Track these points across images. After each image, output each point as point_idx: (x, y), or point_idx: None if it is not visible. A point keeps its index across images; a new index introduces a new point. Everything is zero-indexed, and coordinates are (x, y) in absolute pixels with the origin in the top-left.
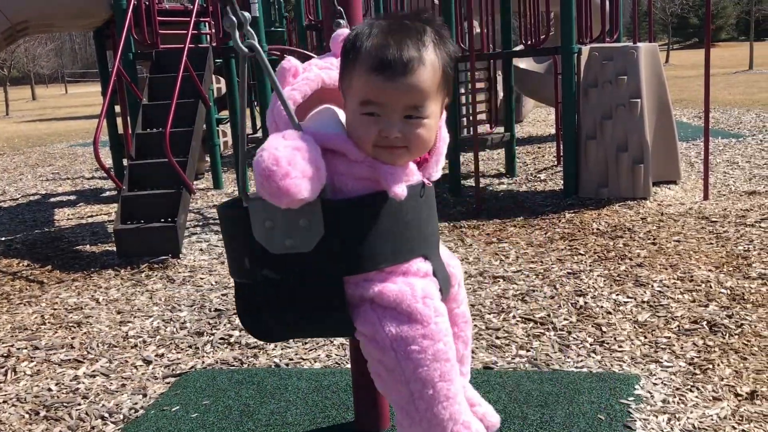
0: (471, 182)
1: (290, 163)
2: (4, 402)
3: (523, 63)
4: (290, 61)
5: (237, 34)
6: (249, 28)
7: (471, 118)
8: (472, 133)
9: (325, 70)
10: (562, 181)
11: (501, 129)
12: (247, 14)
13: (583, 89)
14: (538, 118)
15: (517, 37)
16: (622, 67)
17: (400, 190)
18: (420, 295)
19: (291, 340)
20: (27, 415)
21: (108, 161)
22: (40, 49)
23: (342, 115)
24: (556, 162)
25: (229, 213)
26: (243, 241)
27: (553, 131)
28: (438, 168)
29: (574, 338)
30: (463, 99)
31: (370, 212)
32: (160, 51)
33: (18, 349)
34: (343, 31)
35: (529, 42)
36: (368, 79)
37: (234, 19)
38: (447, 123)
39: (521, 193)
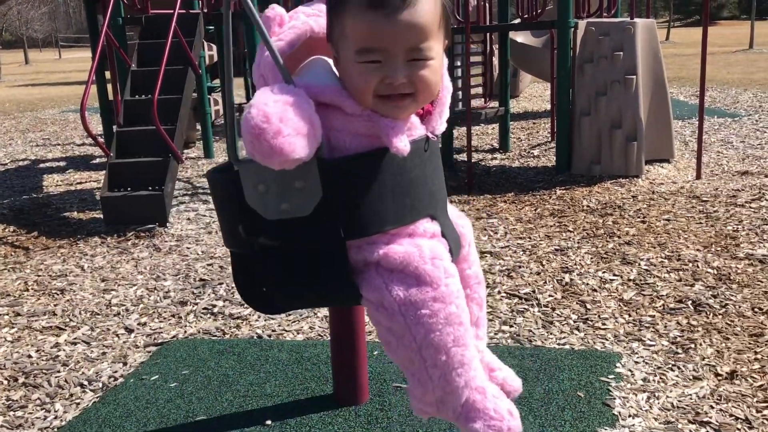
0: (464, 157)
1: (282, 119)
2: None
3: (520, 37)
4: (274, 9)
5: None
6: None
7: (465, 91)
8: (466, 106)
9: (313, 17)
10: (555, 158)
11: (496, 103)
12: None
13: (579, 64)
14: (534, 93)
15: (515, 10)
16: (618, 42)
17: (403, 145)
18: (428, 255)
19: None
20: (6, 381)
21: (99, 128)
22: (33, 12)
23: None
24: (550, 138)
25: (219, 178)
26: (235, 208)
27: (548, 107)
28: (442, 120)
29: (557, 315)
30: (458, 72)
31: (370, 170)
32: (149, 16)
33: None
34: None
35: (526, 15)
36: (364, 20)
37: None
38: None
39: (513, 168)
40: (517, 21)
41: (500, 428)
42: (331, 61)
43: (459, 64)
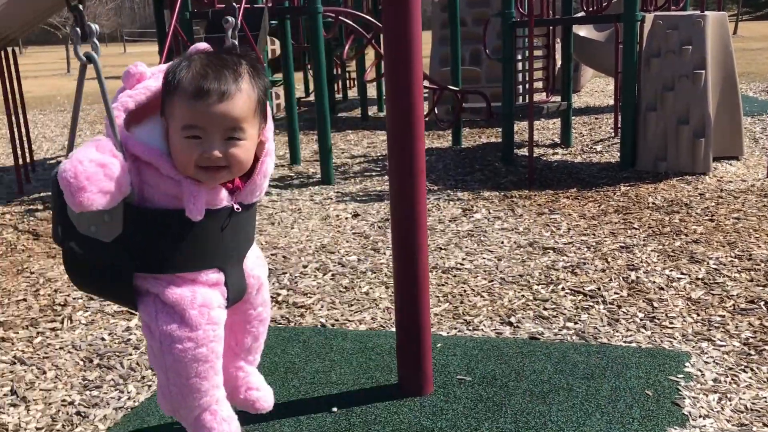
0: (524, 151)
1: (89, 178)
2: (61, 348)
3: (582, 30)
4: (137, 67)
5: (79, 44)
6: (95, 40)
7: (527, 85)
8: (527, 101)
9: None
10: (618, 153)
11: (558, 98)
12: (94, 26)
13: (645, 59)
14: (596, 88)
15: (578, 4)
16: (687, 36)
17: (197, 213)
18: (199, 302)
19: (337, 302)
20: (81, 362)
21: None
22: (101, 8)
23: None
24: (613, 133)
25: (54, 181)
26: (60, 211)
27: (611, 102)
28: (254, 196)
29: (623, 312)
30: (520, 66)
31: (167, 224)
32: (216, 10)
33: (74, 299)
34: (200, 45)
35: (591, 8)
36: (189, 106)
37: (78, 30)
38: (503, 89)
39: (576, 164)
40: (581, 14)
41: None
42: None
43: (520, 57)
